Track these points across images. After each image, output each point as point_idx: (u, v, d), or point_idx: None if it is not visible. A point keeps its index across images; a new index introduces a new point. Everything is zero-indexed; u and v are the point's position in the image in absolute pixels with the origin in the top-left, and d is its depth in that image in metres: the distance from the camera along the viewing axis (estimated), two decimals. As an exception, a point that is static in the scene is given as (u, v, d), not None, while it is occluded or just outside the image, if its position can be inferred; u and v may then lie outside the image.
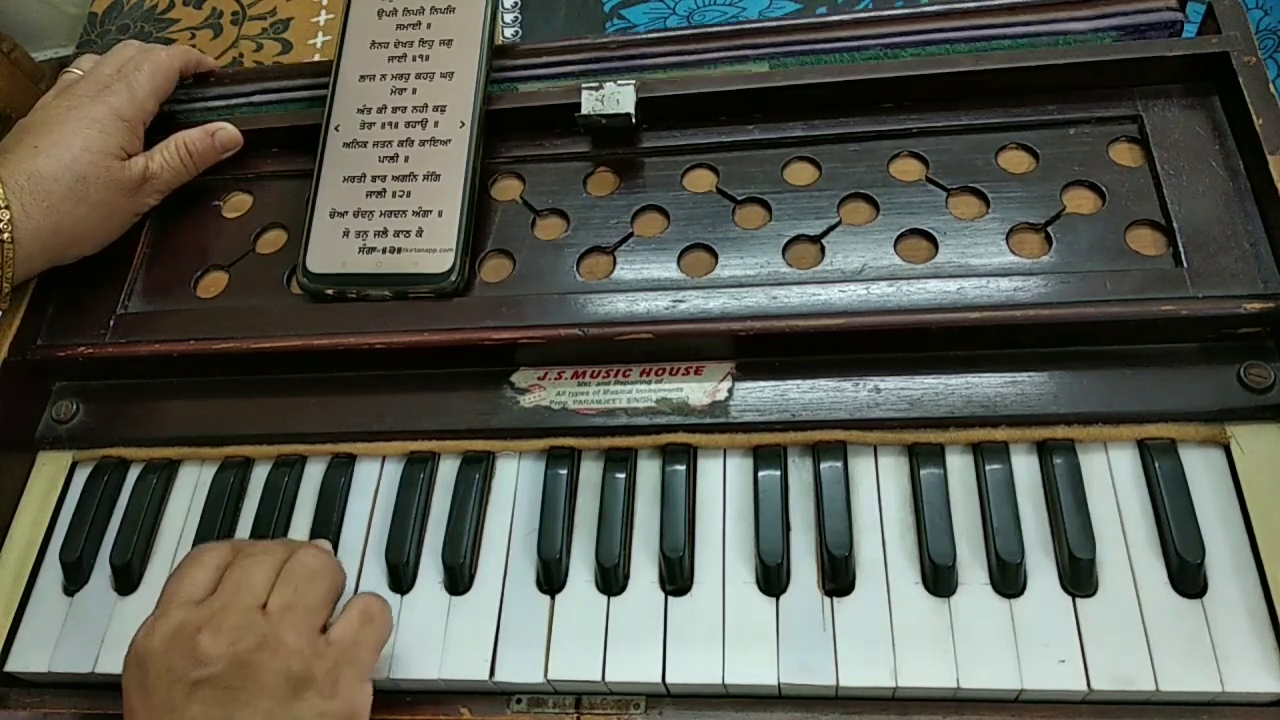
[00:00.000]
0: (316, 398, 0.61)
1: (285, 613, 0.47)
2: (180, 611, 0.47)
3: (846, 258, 0.58)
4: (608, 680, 0.51)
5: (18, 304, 0.64)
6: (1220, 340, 0.53)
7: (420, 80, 0.65)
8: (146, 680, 0.45)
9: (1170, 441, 0.52)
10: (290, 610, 0.47)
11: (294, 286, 0.63)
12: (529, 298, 0.60)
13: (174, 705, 0.44)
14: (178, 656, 0.45)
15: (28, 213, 0.59)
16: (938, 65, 0.61)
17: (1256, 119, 0.55)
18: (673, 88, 0.63)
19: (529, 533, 0.56)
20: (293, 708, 0.45)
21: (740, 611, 0.52)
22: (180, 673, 0.45)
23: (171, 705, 0.45)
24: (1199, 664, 0.47)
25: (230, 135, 0.68)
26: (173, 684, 0.45)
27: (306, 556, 0.50)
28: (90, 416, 0.64)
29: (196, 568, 0.50)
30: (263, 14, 0.86)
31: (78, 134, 0.61)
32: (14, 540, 0.61)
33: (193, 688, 0.45)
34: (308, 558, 0.50)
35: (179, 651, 0.45)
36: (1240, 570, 0.49)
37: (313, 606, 0.49)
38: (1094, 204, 0.58)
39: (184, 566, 0.50)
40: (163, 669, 0.45)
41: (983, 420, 0.54)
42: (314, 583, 0.49)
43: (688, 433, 0.57)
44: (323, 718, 0.46)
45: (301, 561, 0.50)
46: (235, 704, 0.45)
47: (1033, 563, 0.51)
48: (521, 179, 0.65)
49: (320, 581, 0.50)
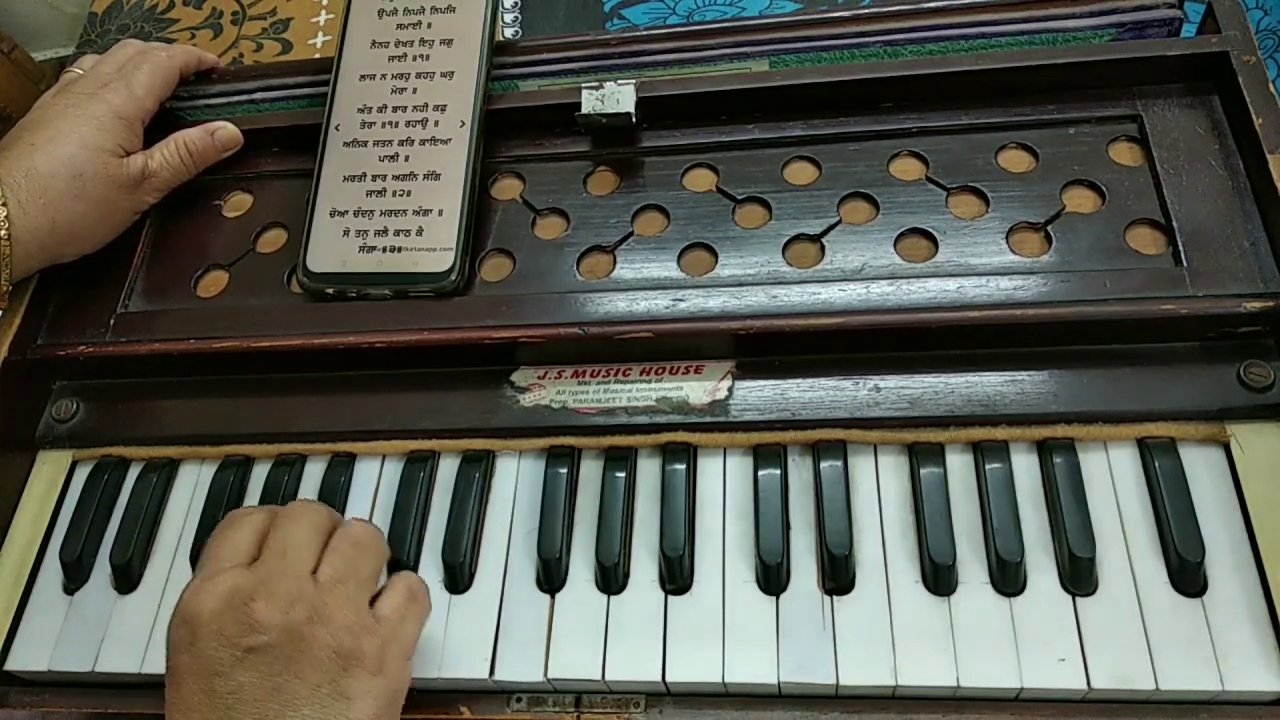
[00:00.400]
0: (316, 397, 0.61)
1: (335, 585, 0.47)
2: (232, 575, 0.46)
3: (846, 257, 0.58)
4: (608, 679, 0.51)
5: (18, 303, 0.64)
6: (1220, 339, 0.53)
7: (420, 80, 0.65)
8: (196, 643, 0.45)
9: (1170, 440, 0.52)
10: (341, 584, 0.47)
11: (294, 286, 0.63)
12: (529, 297, 0.60)
13: (222, 669, 0.44)
14: (230, 621, 0.45)
15: (25, 209, 0.59)
16: (938, 65, 0.61)
17: (1256, 119, 0.55)
18: (673, 87, 0.63)
19: (529, 532, 0.56)
20: (340, 683, 0.45)
21: (740, 611, 0.52)
22: (232, 637, 0.44)
23: (219, 669, 0.44)
24: (1199, 663, 0.47)
25: (230, 134, 0.68)
26: (222, 648, 0.44)
27: (356, 528, 0.50)
28: (90, 416, 0.64)
29: (236, 530, 0.49)
30: (263, 14, 0.87)
31: (75, 131, 0.61)
32: (14, 539, 0.61)
33: (244, 654, 0.44)
34: (357, 529, 0.50)
35: (231, 616, 0.45)
36: (1240, 569, 0.49)
37: (362, 581, 0.48)
38: (1094, 203, 0.58)
39: (223, 529, 0.50)
40: (214, 631, 0.45)
41: (983, 419, 0.54)
42: (363, 556, 0.49)
43: (688, 432, 0.57)
44: (368, 695, 0.46)
45: (351, 533, 0.50)
46: (285, 674, 0.44)
47: (1033, 562, 0.51)
48: (521, 178, 0.65)
49: (369, 555, 0.49)
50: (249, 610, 0.45)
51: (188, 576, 0.57)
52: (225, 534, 0.49)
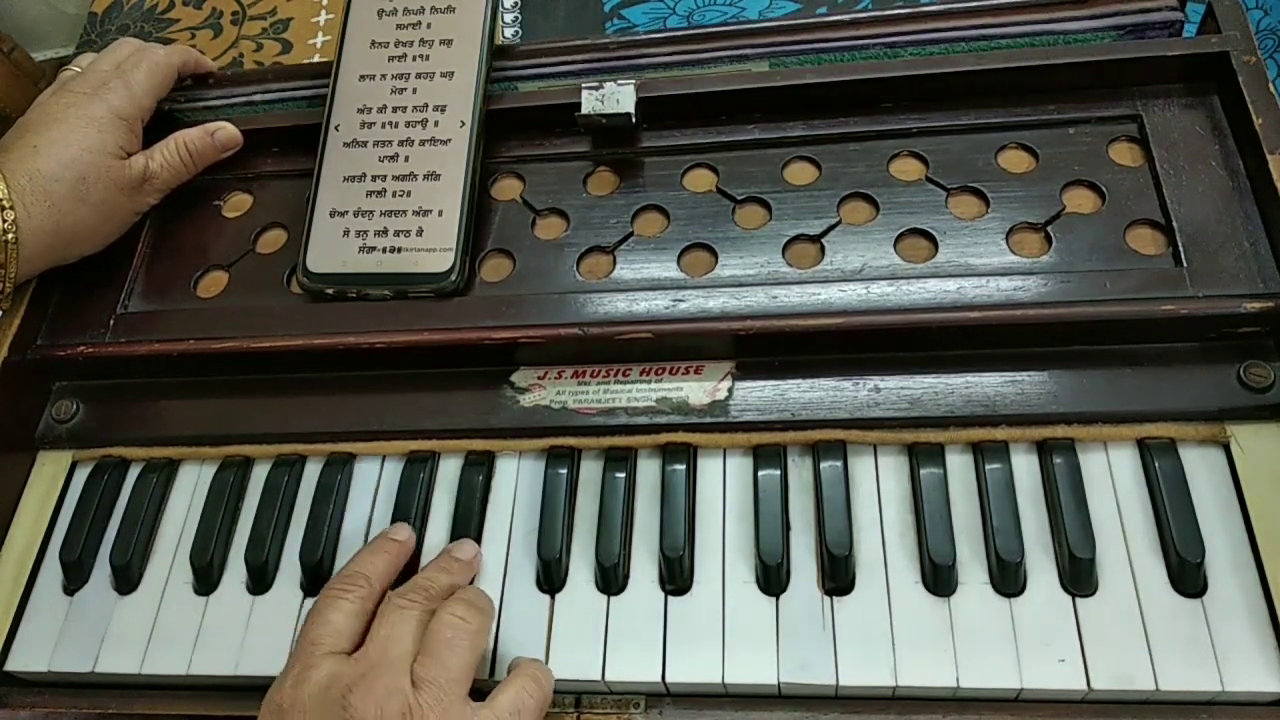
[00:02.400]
0: (316, 397, 0.61)
1: (426, 686, 0.46)
2: (330, 663, 0.47)
3: (846, 257, 0.58)
4: (608, 680, 0.51)
5: (18, 304, 0.64)
6: (1220, 340, 0.53)
7: (420, 80, 0.65)
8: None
9: (1170, 441, 0.52)
10: (430, 684, 0.46)
11: (294, 286, 0.63)
12: (529, 297, 0.60)
13: None
14: (326, 713, 0.45)
15: (30, 212, 0.59)
16: (938, 65, 0.61)
17: (1256, 119, 0.55)
18: (673, 87, 0.63)
19: (529, 532, 0.56)
20: None
21: (740, 611, 0.52)
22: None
23: None
24: (1199, 663, 0.47)
25: (230, 134, 0.68)
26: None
27: (447, 615, 0.49)
28: (90, 416, 0.64)
29: (336, 612, 0.49)
30: (263, 14, 0.87)
31: (76, 133, 0.61)
32: (14, 540, 0.61)
33: None
34: (449, 617, 0.49)
35: (328, 709, 0.45)
36: (1240, 569, 0.49)
37: (455, 678, 0.47)
38: (1094, 204, 0.58)
39: (322, 610, 0.49)
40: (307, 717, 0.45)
41: (983, 419, 0.54)
42: (453, 651, 0.48)
43: (687, 432, 0.57)
44: None
45: (443, 623, 0.49)
46: None
47: (1033, 562, 0.51)
48: (521, 179, 0.65)
49: (459, 649, 0.48)
50: (345, 703, 0.45)
51: (188, 577, 0.58)
52: (324, 615, 0.49)
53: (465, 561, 0.54)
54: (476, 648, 0.49)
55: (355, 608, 0.50)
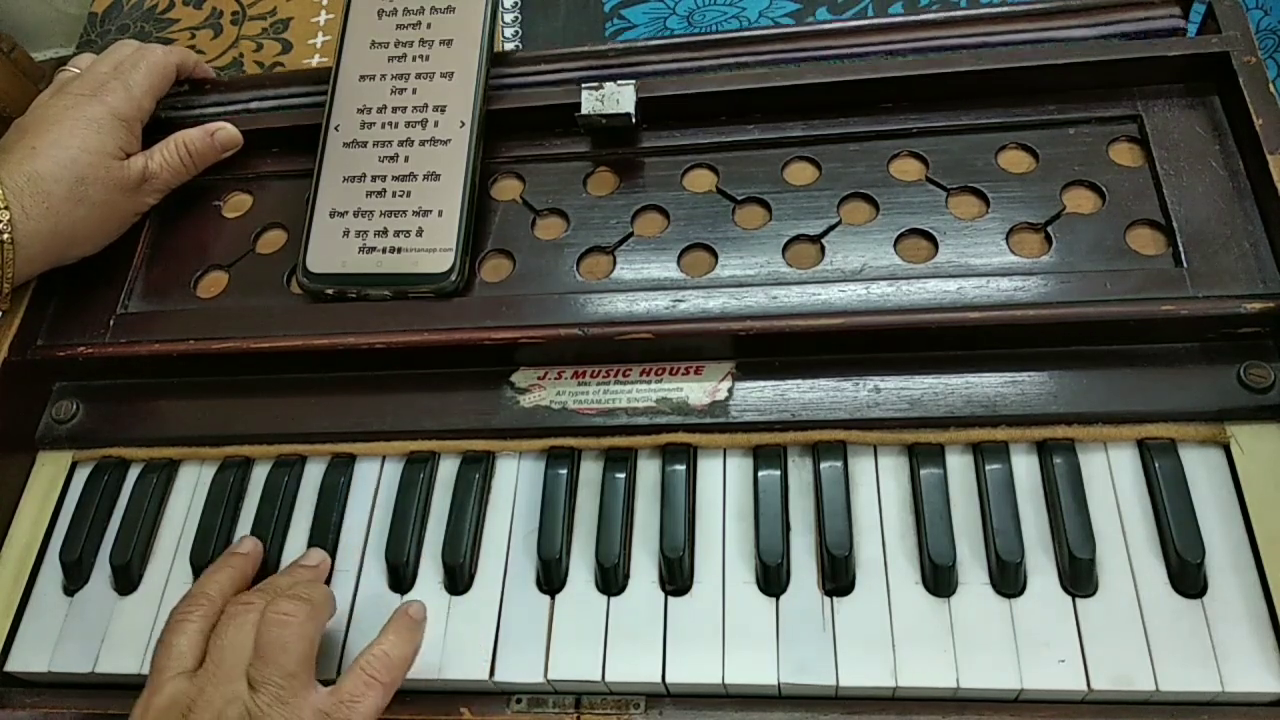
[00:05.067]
0: (316, 398, 0.61)
1: (263, 687, 0.47)
2: (172, 686, 0.48)
3: (846, 257, 0.58)
4: (608, 680, 0.51)
5: (18, 304, 0.64)
6: (1220, 340, 0.53)
7: (420, 80, 0.65)
8: None
9: (1170, 441, 0.52)
10: (266, 684, 0.47)
11: (294, 286, 0.63)
12: (529, 297, 0.60)
13: None
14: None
15: (28, 214, 0.58)
16: (938, 65, 0.61)
17: (1256, 119, 0.55)
18: (672, 87, 0.63)
19: (529, 532, 0.56)
20: None
21: (740, 611, 0.52)
22: None
23: None
24: (1199, 664, 0.47)
25: (230, 135, 0.68)
26: None
27: (271, 614, 0.49)
28: (90, 416, 0.64)
29: (179, 635, 0.50)
30: (263, 14, 0.86)
31: (75, 134, 0.61)
32: (14, 540, 0.61)
33: None
34: (273, 614, 0.49)
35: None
36: (1240, 570, 0.49)
37: (289, 672, 0.48)
38: (1094, 204, 0.58)
39: (166, 636, 0.50)
40: None
41: (983, 420, 0.54)
42: (281, 648, 0.48)
43: (688, 432, 0.57)
44: None
45: (269, 621, 0.49)
46: None
47: (1033, 563, 0.51)
48: (521, 179, 0.65)
49: (288, 644, 0.48)
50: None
51: (188, 577, 0.58)
52: (168, 639, 0.50)
53: (311, 567, 0.55)
54: (306, 637, 0.50)
55: (198, 626, 0.50)
